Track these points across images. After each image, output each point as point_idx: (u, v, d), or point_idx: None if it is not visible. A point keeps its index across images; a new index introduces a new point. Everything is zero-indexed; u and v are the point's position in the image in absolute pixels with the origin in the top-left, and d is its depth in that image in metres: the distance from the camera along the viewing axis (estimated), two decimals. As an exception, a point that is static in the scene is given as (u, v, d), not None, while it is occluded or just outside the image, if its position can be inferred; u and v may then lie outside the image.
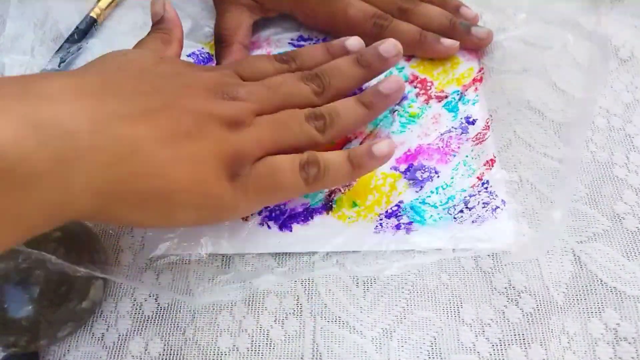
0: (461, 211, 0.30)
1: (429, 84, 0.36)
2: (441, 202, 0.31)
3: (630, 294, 0.27)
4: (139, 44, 0.31)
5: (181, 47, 0.32)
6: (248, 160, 0.27)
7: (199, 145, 0.25)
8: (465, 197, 0.31)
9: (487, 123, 0.33)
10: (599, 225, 0.30)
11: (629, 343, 0.26)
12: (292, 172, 0.27)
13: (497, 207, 0.30)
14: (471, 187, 0.31)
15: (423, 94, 0.35)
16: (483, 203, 0.30)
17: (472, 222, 0.30)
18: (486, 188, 0.31)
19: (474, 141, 0.33)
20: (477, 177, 0.31)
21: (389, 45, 0.32)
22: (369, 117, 0.32)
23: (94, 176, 0.21)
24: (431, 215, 0.30)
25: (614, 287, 0.28)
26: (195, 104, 0.26)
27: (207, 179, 0.25)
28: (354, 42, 0.34)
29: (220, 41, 0.37)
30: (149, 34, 0.32)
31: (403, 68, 0.37)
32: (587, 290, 0.28)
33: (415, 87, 0.35)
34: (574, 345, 0.27)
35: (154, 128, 0.23)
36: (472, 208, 0.30)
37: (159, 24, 0.32)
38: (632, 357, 0.26)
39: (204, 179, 0.25)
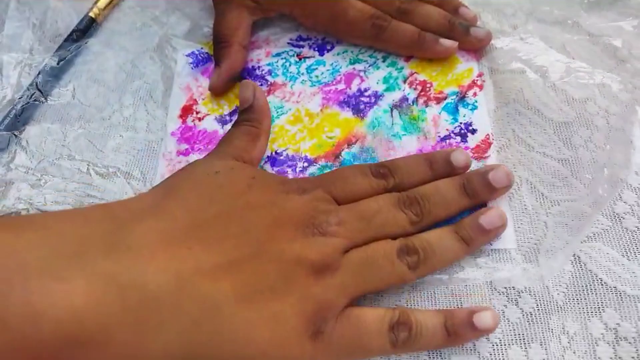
0: None
1: (428, 85, 0.35)
2: None
3: (631, 294, 0.27)
4: (226, 141, 0.30)
5: (267, 140, 0.32)
6: (333, 313, 0.24)
7: (283, 303, 0.23)
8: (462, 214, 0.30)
9: (488, 139, 0.33)
10: (599, 225, 0.30)
11: (629, 343, 0.26)
12: (379, 334, 0.25)
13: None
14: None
15: (422, 95, 0.35)
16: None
17: None
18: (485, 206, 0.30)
19: (473, 154, 0.32)
20: None
21: (501, 175, 0.29)
22: (463, 255, 0.28)
23: (171, 342, 0.20)
24: None
25: (614, 287, 0.28)
26: (283, 249, 0.24)
27: (288, 341, 0.23)
28: (460, 157, 0.30)
29: (220, 41, 0.37)
30: (236, 124, 0.31)
31: (402, 68, 0.37)
32: (587, 290, 0.28)
33: (415, 89, 0.35)
34: (574, 345, 0.27)
35: (237, 284, 0.22)
36: None
37: (247, 113, 0.31)
38: (633, 357, 0.26)
39: (284, 341, 0.23)
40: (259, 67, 0.38)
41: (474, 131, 0.33)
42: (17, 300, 0.17)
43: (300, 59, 0.38)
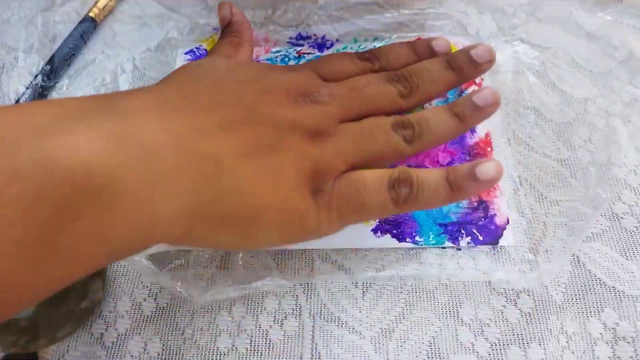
0: (458, 237, 0.30)
1: None
2: (437, 212, 0.30)
3: (629, 294, 0.28)
4: (211, 52, 0.30)
5: (252, 49, 0.32)
6: (331, 174, 0.25)
7: (281, 159, 0.24)
8: (460, 215, 0.30)
9: (488, 138, 0.33)
10: (598, 225, 0.30)
11: (628, 342, 0.26)
12: (379, 191, 0.25)
13: (496, 233, 0.30)
14: (468, 203, 0.31)
15: None
16: (481, 227, 0.30)
17: (470, 245, 0.30)
18: (486, 209, 0.30)
19: (472, 152, 0.32)
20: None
21: (483, 50, 0.29)
22: (459, 131, 0.28)
23: (180, 198, 0.20)
24: (429, 237, 0.30)
25: (613, 287, 0.28)
26: (276, 114, 0.25)
27: (290, 195, 0.24)
28: (441, 42, 0.31)
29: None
30: (219, 39, 0.31)
31: None
32: (586, 289, 0.28)
33: None
34: (573, 345, 0.27)
35: (235, 142, 0.23)
36: (469, 233, 0.30)
37: (227, 27, 0.32)
38: (631, 357, 0.26)
39: (286, 194, 0.23)
40: (257, 61, 0.38)
41: (472, 130, 0.33)
42: (29, 153, 0.17)
43: (299, 55, 0.38)
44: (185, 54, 0.38)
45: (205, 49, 0.39)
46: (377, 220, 0.30)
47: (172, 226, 0.20)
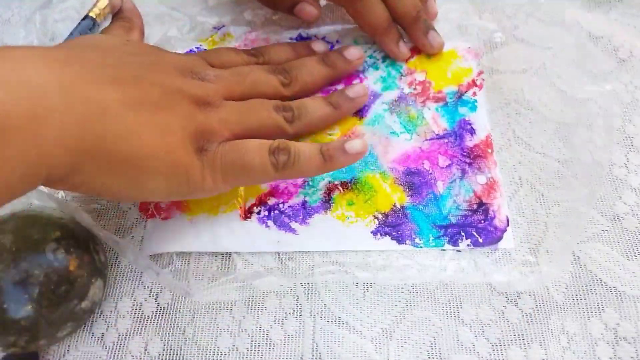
0: (458, 239, 0.30)
1: (427, 84, 0.35)
2: (436, 214, 0.30)
3: (630, 294, 0.28)
4: (102, 32, 0.32)
5: (142, 35, 0.34)
6: (215, 138, 0.28)
7: (167, 116, 0.26)
8: (460, 218, 0.30)
9: (488, 139, 0.33)
10: (599, 225, 0.30)
11: (629, 343, 0.26)
12: (260, 155, 0.28)
13: (496, 235, 0.30)
14: (468, 205, 0.31)
15: (422, 95, 0.35)
16: (480, 229, 0.30)
17: (469, 247, 0.30)
18: (485, 211, 0.30)
19: (472, 154, 0.32)
20: (476, 196, 0.31)
21: (354, 50, 0.35)
22: (334, 117, 0.33)
23: (66, 133, 0.22)
24: (429, 240, 0.30)
25: (614, 287, 0.28)
26: (164, 79, 0.27)
27: (175, 148, 0.25)
28: (319, 44, 0.37)
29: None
30: (110, 24, 0.34)
31: (401, 67, 0.36)
32: (587, 290, 0.28)
33: (414, 88, 0.35)
34: (574, 345, 0.27)
35: (122, 93, 0.24)
36: (469, 236, 0.30)
37: (119, 14, 0.34)
38: (632, 357, 0.26)
39: (172, 147, 0.25)
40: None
41: (472, 131, 0.33)
42: None
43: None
44: (185, 53, 0.38)
45: (205, 49, 0.39)
46: (377, 223, 0.30)
47: (60, 159, 0.22)
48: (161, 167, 0.25)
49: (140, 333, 0.29)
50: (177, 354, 0.28)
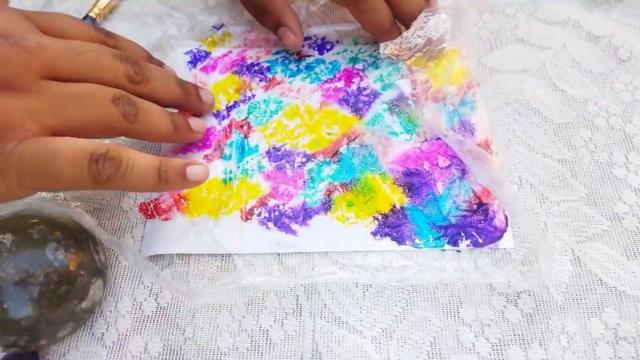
0: (458, 240, 0.30)
1: (427, 84, 0.35)
2: (436, 214, 0.30)
3: (630, 294, 0.28)
4: None
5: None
6: (13, 135, 0.22)
7: None
8: (460, 218, 0.30)
9: (487, 140, 0.33)
10: (599, 225, 0.30)
11: (629, 343, 0.26)
12: (74, 164, 0.22)
13: (496, 235, 0.30)
14: (467, 206, 0.31)
15: (421, 95, 0.35)
16: (480, 229, 0.30)
17: (469, 247, 0.30)
18: (485, 211, 0.30)
19: (472, 154, 0.32)
20: (476, 196, 0.31)
21: (208, 92, 0.34)
22: (170, 138, 0.30)
23: None
24: (429, 240, 0.30)
25: (614, 287, 0.28)
26: None
27: None
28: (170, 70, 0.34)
29: (264, 8, 0.36)
30: None
31: (401, 67, 0.36)
32: (587, 290, 0.28)
33: (414, 88, 0.35)
34: (574, 345, 0.27)
35: None
36: (469, 236, 0.30)
37: None
38: (632, 357, 0.26)
39: None
40: (257, 63, 0.38)
41: (472, 131, 0.33)
42: None
43: (300, 58, 0.38)
44: (184, 54, 0.39)
45: (204, 50, 0.39)
46: (377, 224, 0.30)
47: None
48: None
49: (140, 333, 0.29)
50: (177, 354, 0.28)
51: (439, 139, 0.33)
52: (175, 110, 0.33)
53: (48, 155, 0.22)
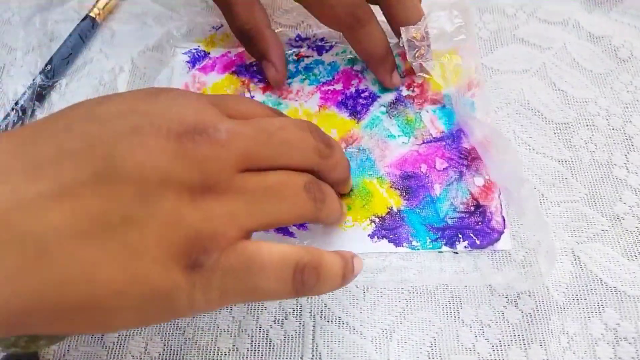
0: (455, 241, 0.30)
1: (425, 86, 0.35)
2: (433, 216, 0.30)
3: (631, 294, 0.28)
4: None
5: None
6: (217, 245, 0.19)
7: (139, 233, 0.18)
8: (457, 220, 0.30)
9: (485, 142, 0.33)
10: (599, 225, 0.30)
11: (629, 343, 0.26)
12: (279, 277, 0.21)
13: (493, 237, 0.30)
14: (465, 207, 0.31)
15: (419, 97, 0.35)
16: (478, 231, 0.30)
17: (467, 249, 0.30)
18: (482, 213, 0.30)
19: (469, 156, 0.32)
20: (473, 198, 0.31)
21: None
22: (335, 223, 0.29)
23: (2, 290, 0.16)
24: (426, 242, 0.30)
25: (614, 287, 0.28)
26: (144, 164, 0.18)
27: (150, 276, 0.18)
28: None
29: (249, 35, 0.34)
30: None
31: (399, 66, 0.36)
32: (587, 290, 0.28)
33: (412, 90, 0.35)
34: (574, 345, 0.27)
35: (71, 215, 0.17)
36: (467, 238, 0.30)
37: None
38: (632, 357, 0.26)
39: (144, 276, 0.18)
40: (256, 64, 0.38)
41: (471, 132, 0.33)
42: None
43: (298, 58, 0.38)
44: (184, 54, 0.38)
45: (203, 50, 0.39)
46: (374, 226, 0.30)
47: None
48: (129, 301, 0.18)
49: (140, 333, 0.29)
50: (177, 354, 0.28)
51: (436, 141, 0.33)
52: None
53: (253, 269, 0.20)
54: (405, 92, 0.35)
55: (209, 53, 0.39)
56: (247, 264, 0.20)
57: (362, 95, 0.36)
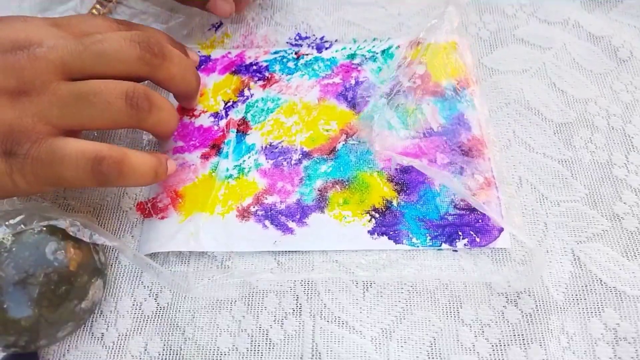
0: (455, 239, 0.30)
1: (426, 77, 0.35)
2: (433, 213, 0.30)
3: (630, 294, 0.28)
4: None
5: None
6: (28, 138, 0.24)
7: None
8: (457, 217, 0.30)
9: (486, 138, 0.33)
10: (599, 225, 0.30)
11: (629, 343, 0.26)
12: (77, 167, 0.24)
13: (493, 235, 0.30)
14: (465, 204, 0.31)
15: (419, 88, 0.35)
16: (478, 229, 0.30)
17: (467, 247, 0.29)
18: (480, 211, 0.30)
19: (469, 152, 0.32)
20: (471, 194, 0.31)
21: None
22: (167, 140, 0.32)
23: None
24: (426, 239, 0.30)
25: (614, 287, 0.28)
26: None
27: None
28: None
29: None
30: None
31: (394, 47, 0.36)
32: (587, 290, 0.28)
33: (414, 82, 0.35)
34: (574, 345, 0.27)
35: None
36: (466, 235, 0.30)
37: None
38: (632, 357, 0.26)
39: None
40: (256, 63, 0.38)
41: (469, 129, 0.33)
42: None
43: (298, 56, 0.38)
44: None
45: (204, 55, 0.39)
46: (374, 223, 0.30)
47: None
48: None
49: (140, 333, 0.29)
50: (177, 354, 0.28)
51: (436, 135, 0.33)
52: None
53: (54, 160, 0.24)
54: (406, 84, 0.35)
55: (209, 56, 0.39)
56: (51, 155, 0.24)
57: (362, 86, 0.36)
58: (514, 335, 0.27)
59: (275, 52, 0.38)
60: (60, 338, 0.27)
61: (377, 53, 0.37)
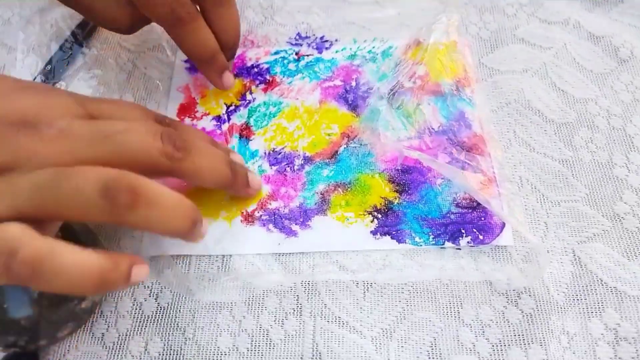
0: (458, 237, 0.30)
1: (426, 77, 0.35)
2: (436, 212, 0.30)
3: (631, 294, 0.28)
4: None
5: None
6: None
7: None
8: (459, 215, 0.30)
9: (486, 137, 0.33)
10: (599, 225, 0.30)
11: (629, 343, 0.26)
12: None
13: (496, 232, 0.30)
14: (467, 203, 0.31)
15: (420, 88, 0.35)
16: (480, 226, 0.30)
17: (470, 245, 0.29)
18: (484, 209, 0.30)
19: (470, 151, 0.32)
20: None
21: (255, 180, 0.31)
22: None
23: None
24: (429, 238, 0.30)
25: (614, 287, 0.28)
26: None
27: None
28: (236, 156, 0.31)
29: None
30: None
31: (394, 47, 0.36)
32: (587, 290, 0.28)
33: (414, 82, 0.35)
34: (574, 345, 0.27)
35: None
36: (469, 233, 0.30)
37: None
38: (632, 357, 0.26)
39: None
40: (257, 65, 0.38)
41: (470, 127, 0.33)
42: None
43: (299, 57, 0.38)
44: (183, 62, 0.39)
45: None
46: (377, 223, 0.30)
47: None
48: None
49: (140, 333, 0.29)
50: (177, 354, 0.28)
51: (437, 134, 0.33)
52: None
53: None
54: (407, 84, 0.35)
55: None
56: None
57: (362, 88, 0.36)
58: (515, 336, 0.27)
59: (276, 53, 0.38)
60: (60, 338, 0.27)
61: (377, 54, 0.37)
